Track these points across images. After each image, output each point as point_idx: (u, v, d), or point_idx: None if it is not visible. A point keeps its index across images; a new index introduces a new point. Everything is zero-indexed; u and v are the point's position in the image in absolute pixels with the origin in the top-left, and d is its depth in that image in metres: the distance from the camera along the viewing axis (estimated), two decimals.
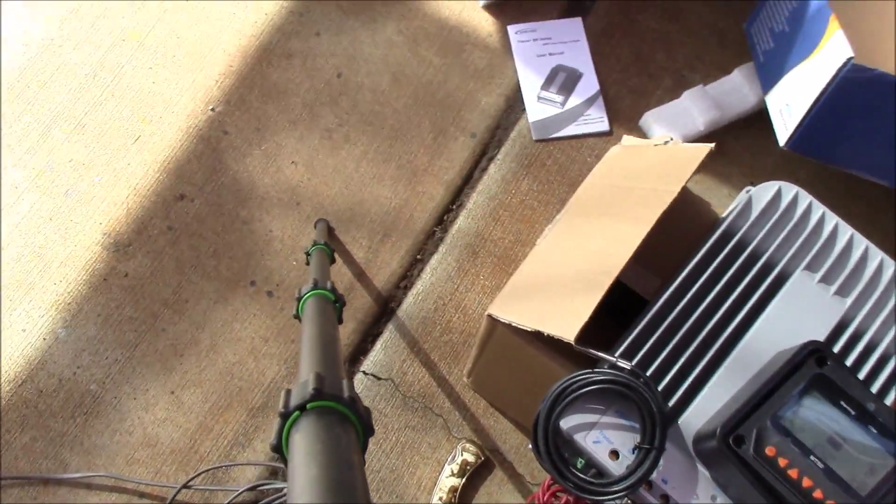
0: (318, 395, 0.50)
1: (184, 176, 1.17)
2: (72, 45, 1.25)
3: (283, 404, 0.51)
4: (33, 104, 1.22)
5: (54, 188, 1.16)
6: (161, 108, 1.20)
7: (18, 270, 1.14)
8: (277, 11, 1.27)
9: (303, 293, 0.80)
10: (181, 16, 1.29)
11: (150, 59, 1.24)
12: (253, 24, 1.26)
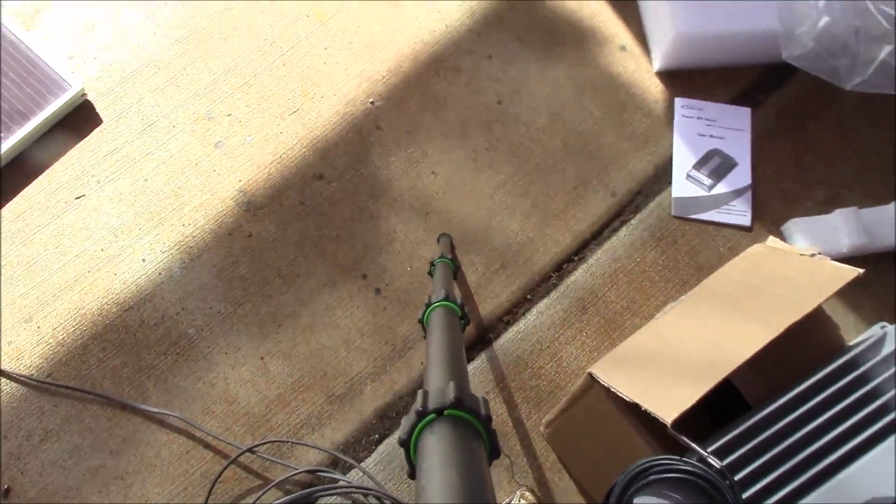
0: (458, 405, 0.56)
1: (328, 157, 1.41)
2: (260, 8, 1.52)
3: (420, 404, 0.57)
4: (210, 54, 1.44)
5: (207, 136, 1.43)
6: (325, 88, 1.46)
7: (155, 204, 1.34)
8: (458, 27, 1.52)
9: (432, 301, 0.90)
10: (368, 9, 1.49)
11: (328, 41, 1.49)
12: (431, 33, 1.52)
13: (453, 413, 0.56)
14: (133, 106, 1.38)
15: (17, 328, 1.20)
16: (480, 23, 1.48)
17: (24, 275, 1.22)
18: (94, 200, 1.28)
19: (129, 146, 1.34)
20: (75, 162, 1.33)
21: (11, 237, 1.28)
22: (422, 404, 0.57)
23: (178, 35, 1.39)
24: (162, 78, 1.36)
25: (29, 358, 1.18)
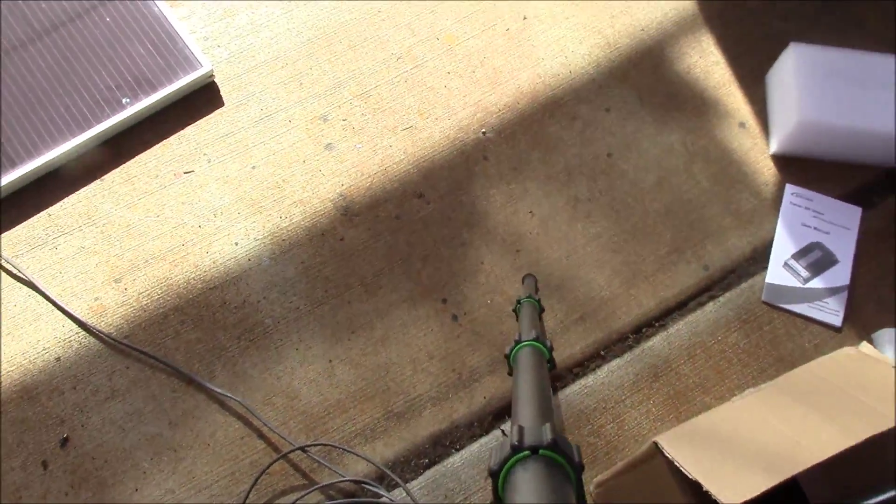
0: (554, 447, 0.62)
1: (431, 178, 1.64)
2: (392, 24, 1.74)
3: (516, 438, 0.63)
4: (337, 59, 1.64)
5: (320, 137, 1.68)
6: (440, 111, 1.70)
7: (258, 191, 1.52)
8: (581, 75, 1.74)
9: (522, 339, 1.00)
10: (497, 41, 1.68)
11: (452, 65, 1.71)
12: (554, 76, 1.75)
13: (548, 454, 0.63)
14: (255, 95, 1.59)
15: (105, 286, 1.44)
16: (604, 75, 1.65)
17: (122, 236, 1.46)
18: (202, 178, 1.53)
19: (244, 132, 1.56)
20: (191, 138, 1.55)
21: (118, 198, 1.49)
22: (517, 439, 0.64)
23: (310, 35, 1.65)
24: (287, 73, 1.62)
25: (111, 317, 1.41)
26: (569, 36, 1.68)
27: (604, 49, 1.68)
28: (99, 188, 1.44)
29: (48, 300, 1.38)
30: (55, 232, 1.41)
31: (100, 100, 1.44)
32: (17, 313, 1.40)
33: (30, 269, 1.37)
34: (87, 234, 1.41)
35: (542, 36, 1.68)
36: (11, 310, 1.38)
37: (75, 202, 1.43)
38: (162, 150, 1.49)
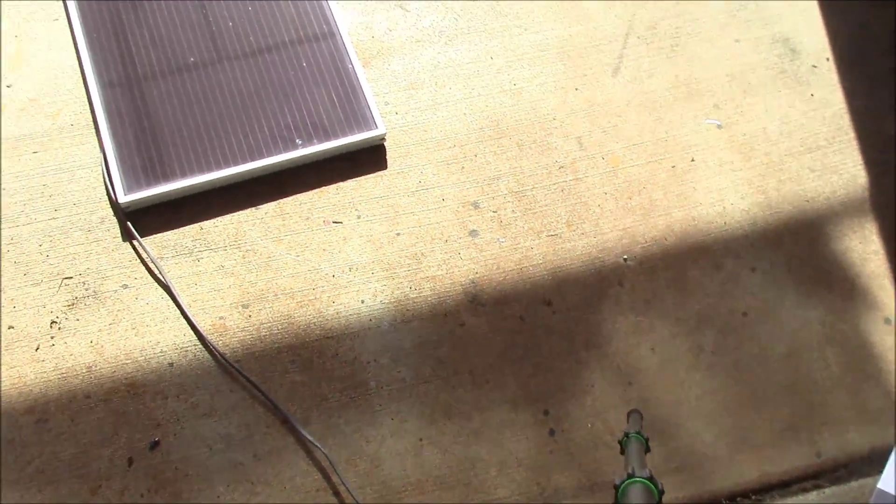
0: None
1: (562, 289, 1.84)
2: (563, 134, 1.91)
3: None
4: (501, 153, 1.88)
5: (467, 222, 1.92)
6: (588, 227, 1.94)
7: (396, 257, 1.72)
8: (735, 229, 1.84)
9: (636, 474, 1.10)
10: (660, 175, 1.88)
11: (611, 187, 1.86)
12: (708, 223, 1.94)
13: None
14: (417, 167, 1.83)
15: (232, 308, 1.72)
16: (759, 234, 1.82)
17: (261, 266, 1.72)
18: (348, 231, 1.81)
19: (398, 199, 1.79)
20: (348, 191, 1.78)
21: (267, 230, 1.73)
22: None
23: (483, 125, 1.94)
24: (452, 154, 1.89)
25: (230, 338, 1.69)
26: (731, 188, 1.87)
27: (764, 209, 1.86)
28: (252, 216, 1.74)
29: (178, 307, 1.64)
30: (202, 245, 1.70)
31: (276, 135, 1.76)
32: (147, 311, 1.63)
33: (170, 274, 1.67)
34: (230, 254, 1.70)
35: (706, 181, 1.87)
36: (143, 307, 1.63)
37: (227, 223, 1.73)
38: (319, 196, 1.77)
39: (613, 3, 1.94)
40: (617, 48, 1.93)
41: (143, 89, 1.72)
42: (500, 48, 1.92)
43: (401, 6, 1.86)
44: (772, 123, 1.90)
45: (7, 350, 1.54)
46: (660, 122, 1.89)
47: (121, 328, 1.61)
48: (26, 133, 1.71)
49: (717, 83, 1.96)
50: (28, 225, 1.64)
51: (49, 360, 1.56)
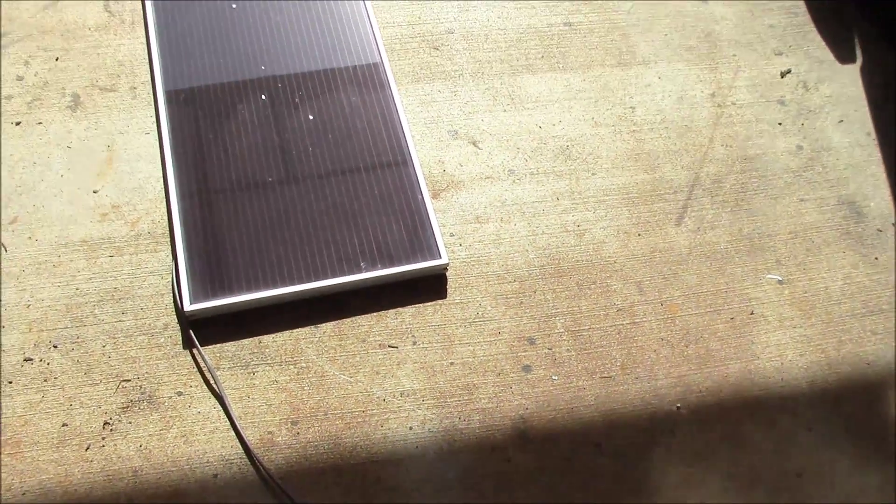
0: None
1: (612, 433, 1.86)
2: (622, 278, 2.06)
3: None
4: (560, 292, 1.99)
5: (521, 357, 2.02)
6: (642, 371, 2.03)
7: (447, 387, 1.83)
8: (792, 386, 1.89)
9: None
10: (718, 326, 2.00)
11: (668, 333, 1.95)
12: (765, 378, 1.99)
13: None
14: (476, 299, 1.95)
15: (282, 424, 1.83)
16: (817, 393, 1.87)
17: (314, 384, 1.84)
18: (402, 356, 1.94)
19: (454, 329, 1.89)
20: (406, 317, 1.89)
21: (323, 349, 1.85)
22: None
23: (544, 262, 2.08)
24: (511, 289, 2.04)
25: (276, 454, 1.79)
26: (791, 345, 1.95)
27: (823, 368, 1.93)
28: (311, 333, 1.89)
29: (229, 418, 1.76)
30: (258, 359, 1.84)
31: (342, 257, 1.92)
32: (197, 420, 1.74)
33: (225, 385, 1.81)
34: (285, 370, 1.84)
35: (765, 336, 1.96)
36: (194, 416, 1.76)
37: (286, 339, 1.87)
38: (377, 319, 1.91)
39: (682, 156, 2.09)
40: (682, 198, 2.05)
41: (217, 203, 1.90)
42: (566, 190, 2.05)
43: (474, 144, 2.05)
44: (834, 283, 1.98)
45: (58, 447, 1.66)
46: (721, 274, 1.98)
47: (171, 435, 1.70)
48: (105, 237, 1.87)
49: (780, 239, 2.07)
50: (94, 325, 1.77)
51: (97, 460, 1.66)
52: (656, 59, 2.28)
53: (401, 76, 2.17)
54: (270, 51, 2.09)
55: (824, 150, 2.18)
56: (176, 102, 1.97)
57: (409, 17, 2.28)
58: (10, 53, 2.09)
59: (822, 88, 2.30)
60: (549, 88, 2.19)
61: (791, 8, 2.44)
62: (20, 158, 1.94)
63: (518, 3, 2.33)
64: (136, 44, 2.14)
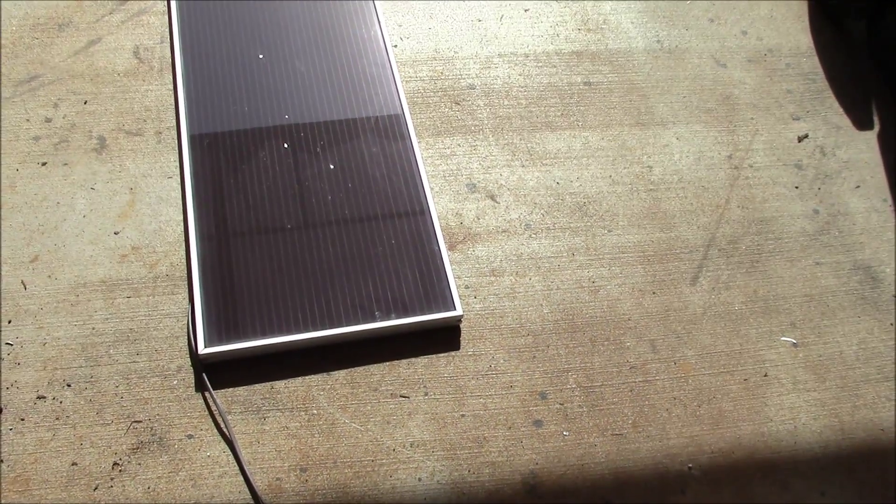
0: None
1: (623, 490, 1.88)
2: (636, 335, 2.09)
3: None
4: (573, 347, 2.01)
5: (533, 411, 2.04)
6: (654, 430, 2.03)
7: (458, 439, 1.83)
8: (805, 450, 1.89)
9: None
10: (731, 387, 2.00)
11: (680, 392, 1.98)
12: (778, 440, 2.01)
13: None
14: (489, 352, 1.96)
15: (290, 471, 1.84)
16: (830, 458, 1.87)
17: (325, 431, 1.84)
18: (413, 406, 1.95)
19: (466, 381, 1.89)
20: (419, 368, 1.90)
21: (335, 396, 1.85)
22: None
23: (558, 318, 2.10)
24: (524, 343, 2.05)
25: (284, 500, 1.74)
26: (804, 408, 1.94)
27: (836, 433, 1.92)
28: (323, 381, 1.90)
29: (238, 463, 1.77)
30: (270, 405, 1.86)
31: (357, 305, 1.94)
32: (206, 464, 1.74)
33: (235, 429, 1.82)
34: (295, 416, 1.85)
35: (778, 399, 1.95)
36: (204, 459, 1.76)
37: (298, 385, 1.89)
38: (390, 369, 1.93)
39: (698, 216, 2.12)
40: (697, 258, 2.07)
41: (235, 247, 1.92)
42: (582, 246, 2.07)
43: (491, 198, 2.08)
44: (849, 348, 1.97)
45: (67, 487, 1.67)
46: (735, 335, 1.99)
47: (179, 478, 1.72)
48: (124, 278, 1.89)
49: (795, 302, 2.07)
50: (109, 365, 1.79)
51: (105, 501, 1.66)
52: (674, 121, 2.32)
53: (422, 129, 2.20)
54: (294, 100, 2.13)
55: (841, 214, 2.20)
56: (200, 147, 2.01)
57: (432, 73, 2.32)
58: (40, 96, 2.14)
59: (839, 154, 2.32)
60: (568, 146, 2.22)
61: (809, 74, 2.47)
62: (44, 198, 1.97)
63: (539, 62, 2.38)
64: (164, 90, 2.18)
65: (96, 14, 2.33)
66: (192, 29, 2.24)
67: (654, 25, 2.52)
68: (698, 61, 2.46)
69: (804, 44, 2.54)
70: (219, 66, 2.17)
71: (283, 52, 2.22)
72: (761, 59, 2.49)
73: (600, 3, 2.54)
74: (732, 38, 2.53)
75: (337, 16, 2.32)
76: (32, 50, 2.24)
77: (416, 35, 2.40)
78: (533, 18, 2.48)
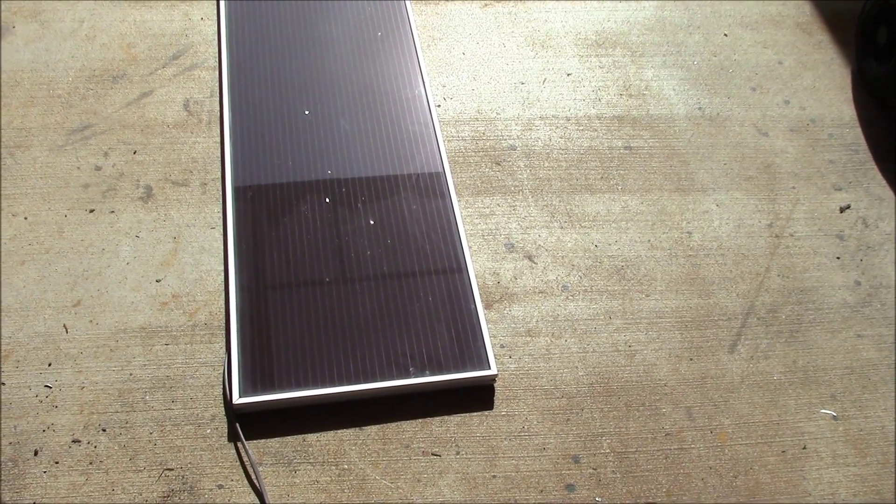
0: None
1: None
2: (672, 401, 2.10)
3: None
4: (608, 411, 2.01)
5: (566, 475, 2.01)
6: (688, 500, 1.94)
7: (490, 499, 1.84)
8: None
9: None
10: (768, 458, 1.97)
11: (715, 461, 1.91)
12: None
13: None
14: (523, 413, 1.95)
15: None
16: None
17: (354, 487, 1.76)
18: (445, 465, 1.92)
19: (499, 441, 1.89)
20: (451, 426, 1.89)
21: (366, 452, 1.86)
22: None
23: (593, 381, 2.08)
24: (559, 405, 2.04)
25: None
26: (844, 483, 1.91)
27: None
28: (355, 436, 1.90)
29: None
30: (301, 458, 1.85)
31: (392, 361, 1.94)
32: None
33: (266, 481, 1.81)
34: (326, 471, 1.84)
35: (817, 472, 1.92)
36: None
37: (330, 439, 1.89)
38: (422, 426, 1.92)
39: (737, 283, 2.11)
40: (736, 326, 2.05)
41: (274, 299, 1.95)
42: (619, 310, 2.06)
43: (529, 258, 2.09)
44: (890, 423, 1.94)
45: None
46: (773, 405, 1.96)
47: None
48: (163, 326, 1.91)
49: (835, 374, 2.04)
50: (144, 412, 1.80)
51: None
52: (715, 187, 2.32)
53: (462, 188, 2.23)
54: (337, 156, 2.17)
55: (883, 287, 2.18)
56: (243, 199, 2.05)
57: (474, 133, 2.35)
58: (91, 145, 2.19)
59: (881, 226, 2.31)
60: (607, 209, 2.23)
61: (851, 145, 2.47)
62: (90, 244, 2.01)
63: (580, 125, 2.40)
64: (211, 142, 2.23)
65: (149, 67, 2.39)
66: (241, 84, 2.29)
67: (696, 93, 2.54)
68: (740, 129, 2.46)
69: (847, 114, 2.55)
70: (265, 120, 2.21)
71: (328, 109, 2.26)
72: (804, 128, 2.50)
73: (643, 69, 2.56)
74: (775, 107, 2.54)
75: (383, 75, 2.36)
76: (87, 100, 2.30)
77: (459, 96, 2.43)
78: (575, 83, 2.51)
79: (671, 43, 2.64)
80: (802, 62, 2.66)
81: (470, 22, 2.60)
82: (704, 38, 2.67)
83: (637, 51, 2.60)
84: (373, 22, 2.46)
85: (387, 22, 2.47)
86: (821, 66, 2.66)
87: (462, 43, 2.55)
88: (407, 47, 2.42)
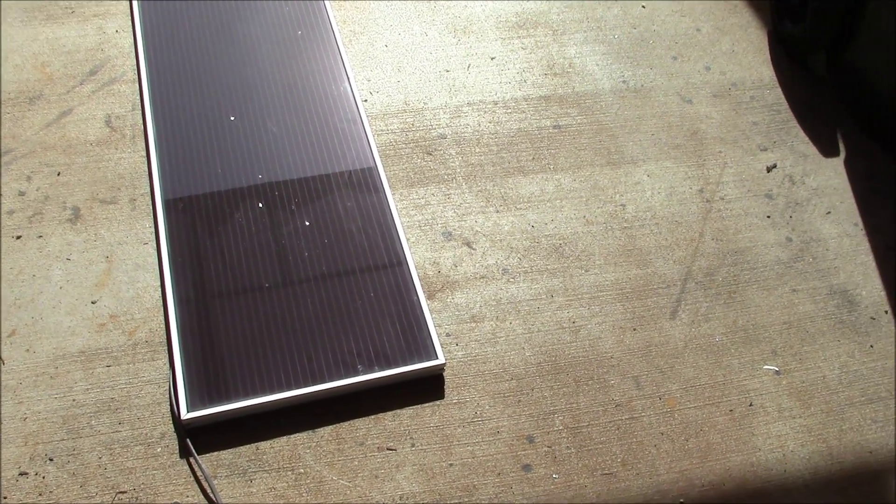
0: None
1: None
2: (619, 373, 2.02)
3: None
4: (558, 389, 2.01)
5: (521, 455, 2.00)
6: (644, 467, 1.96)
7: (448, 490, 1.84)
8: (795, 477, 1.84)
9: None
10: (717, 419, 2.00)
11: (667, 427, 1.93)
12: (767, 469, 1.95)
13: None
14: (474, 399, 1.94)
15: None
16: (820, 484, 1.87)
17: (312, 490, 1.75)
18: (400, 458, 1.92)
19: (453, 429, 1.88)
20: (404, 419, 1.88)
21: (321, 454, 1.84)
22: None
23: (541, 360, 2.09)
24: (509, 387, 2.04)
25: None
26: (791, 435, 1.94)
27: (825, 459, 1.92)
28: (308, 438, 1.88)
29: None
30: (256, 466, 1.83)
31: (339, 360, 1.93)
32: None
33: (222, 493, 1.78)
34: (282, 477, 1.83)
35: (764, 427, 1.95)
36: None
37: (283, 444, 1.86)
38: (375, 422, 1.91)
39: (673, 251, 2.14)
40: (675, 292, 2.08)
41: (214, 309, 1.91)
42: (560, 287, 2.08)
43: (468, 245, 2.09)
44: (831, 372, 1.99)
45: None
46: (717, 366, 2.00)
47: None
48: (102, 347, 1.88)
49: (774, 330, 2.09)
50: (91, 437, 1.77)
51: None
52: (644, 158, 2.34)
53: (395, 181, 2.22)
54: (267, 159, 2.15)
55: (813, 241, 2.22)
56: (174, 211, 2.02)
57: (403, 125, 2.34)
58: (13, 169, 2.14)
59: (808, 181, 2.35)
60: (541, 189, 2.24)
61: (773, 105, 2.51)
62: (20, 272, 1.96)
63: (507, 108, 2.41)
64: (137, 157, 2.19)
65: (66, 85, 2.34)
66: (163, 94, 2.26)
67: (619, 66, 2.56)
68: (664, 99, 2.49)
69: (767, 76, 2.59)
70: (190, 130, 2.18)
71: (253, 112, 2.24)
72: (726, 93, 2.53)
73: (565, 47, 2.57)
74: (696, 74, 2.57)
75: (306, 74, 2.34)
76: (4, 124, 2.25)
77: (385, 89, 2.42)
78: (500, 66, 2.51)
79: (591, 18, 2.66)
80: (720, 27, 2.69)
81: (390, 13, 2.58)
82: (623, 11, 2.69)
83: (558, 29, 2.61)
84: (292, 21, 2.44)
85: (306, 20, 2.45)
86: (738, 30, 2.69)
87: (383, 35, 2.53)
88: (328, 44, 2.40)
